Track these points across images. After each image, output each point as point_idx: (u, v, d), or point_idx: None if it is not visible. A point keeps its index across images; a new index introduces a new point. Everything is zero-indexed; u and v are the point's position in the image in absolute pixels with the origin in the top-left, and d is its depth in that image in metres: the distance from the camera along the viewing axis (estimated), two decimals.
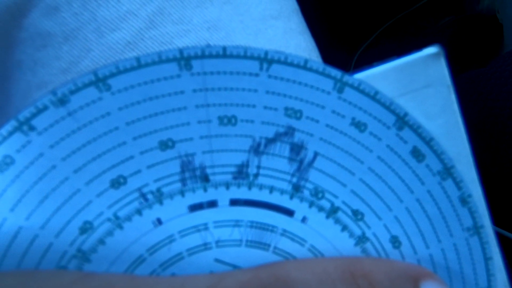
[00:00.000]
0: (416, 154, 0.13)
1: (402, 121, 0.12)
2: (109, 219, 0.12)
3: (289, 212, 0.13)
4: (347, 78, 0.12)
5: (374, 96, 0.12)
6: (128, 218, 0.12)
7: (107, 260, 0.12)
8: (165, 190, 0.12)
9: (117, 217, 0.12)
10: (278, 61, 0.12)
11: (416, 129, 0.13)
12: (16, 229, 0.11)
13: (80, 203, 0.12)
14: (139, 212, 0.12)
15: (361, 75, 0.12)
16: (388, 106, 0.12)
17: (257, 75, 0.12)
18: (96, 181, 0.12)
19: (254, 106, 0.12)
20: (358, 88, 0.12)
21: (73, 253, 0.12)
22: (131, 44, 0.15)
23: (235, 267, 0.13)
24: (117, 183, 0.12)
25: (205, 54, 0.11)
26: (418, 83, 0.13)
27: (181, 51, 0.11)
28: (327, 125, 0.12)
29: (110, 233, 0.12)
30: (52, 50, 0.16)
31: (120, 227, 0.12)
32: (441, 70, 0.13)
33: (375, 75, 0.13)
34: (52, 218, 0.12)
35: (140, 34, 0.15)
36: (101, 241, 0.12)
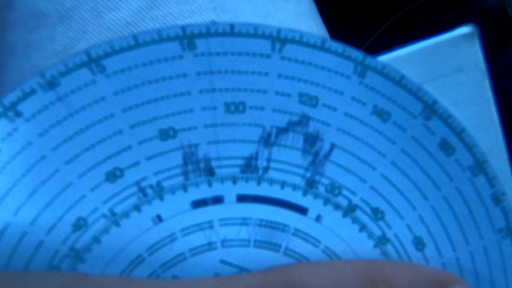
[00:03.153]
0: (445, 147, 0.12)
1: (430, 109, 0.12)
2: (104, 216, 0.12)
3: (302, 210, 0.13)
4: (369, 60, 0.12)
5: (399, 82, 0.12)
6: (126, 214, 0.12)
7: (103, 260, 0.12)
8: (165, 184, 0.12)
9: (113, 213, 0.12)
10: (293, 41, 0.11)
11: (446, 119, 0.12)
12: (3, 225, 0.11)
13: (72, 198, 0.12)
14: (137, 208, 0.12)
15: (385, 58, 0.12)
16: (415, 93, 0.12)
17: (268, 56, 0.12)
18: (90, 173, 0.12)
19: (264, 91, 0.12)
20: (382, 72, 0.12)
21: (65, 252, 0.12)
22: (131, 25, 0.16)
23: (242, 269, 0.13)
24: (113, 176, 0.12)
25: (210, 32, 0.11)
26: (448, 67, 0.13)
27: (183, 28, 0.11)
28: (346, 114, 0.12)
29: (105, 230, 0.12)
30: (46, 32, 0.16)
31: (117, 224, 0.12)
32: (475, 53, 0.13)
33: (401, 58, 0.12)
34: (42, 213, 0.11)
35: (141, 14, 0.16)
36: (96, 239, 0.12)
